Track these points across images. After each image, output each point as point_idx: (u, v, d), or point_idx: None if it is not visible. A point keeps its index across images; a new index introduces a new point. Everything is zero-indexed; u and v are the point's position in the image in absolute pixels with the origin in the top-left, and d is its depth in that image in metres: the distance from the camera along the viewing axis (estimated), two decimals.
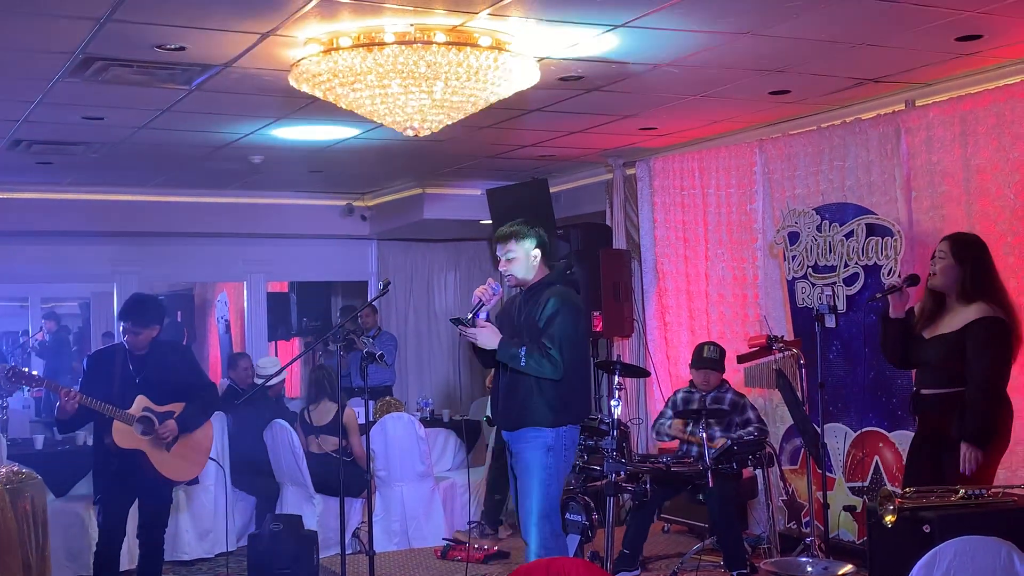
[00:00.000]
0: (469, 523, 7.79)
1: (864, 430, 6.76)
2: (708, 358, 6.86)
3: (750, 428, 6.57)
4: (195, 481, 6.52)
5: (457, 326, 5.00)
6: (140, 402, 5.70)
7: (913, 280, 5.34)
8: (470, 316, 4.98)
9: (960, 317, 5.02)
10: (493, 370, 5.38)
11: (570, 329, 4.96)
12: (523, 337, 4.98)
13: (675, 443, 6.96)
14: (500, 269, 5.15)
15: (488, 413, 8.97)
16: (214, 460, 6.50)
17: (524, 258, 5.08)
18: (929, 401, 5.14)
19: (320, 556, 6.85)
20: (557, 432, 4.98)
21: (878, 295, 5.59)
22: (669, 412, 6.98)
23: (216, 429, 6.45)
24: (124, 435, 5.65)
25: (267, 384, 8.08)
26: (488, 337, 4.96)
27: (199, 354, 12.94)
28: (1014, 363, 5.06)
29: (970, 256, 5.07)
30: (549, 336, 4.90)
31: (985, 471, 4.95)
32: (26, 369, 5.75)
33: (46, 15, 4.52)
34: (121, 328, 5.76)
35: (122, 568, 6.05)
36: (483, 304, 5.00)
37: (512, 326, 5.09)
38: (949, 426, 5.00)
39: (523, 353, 4.88)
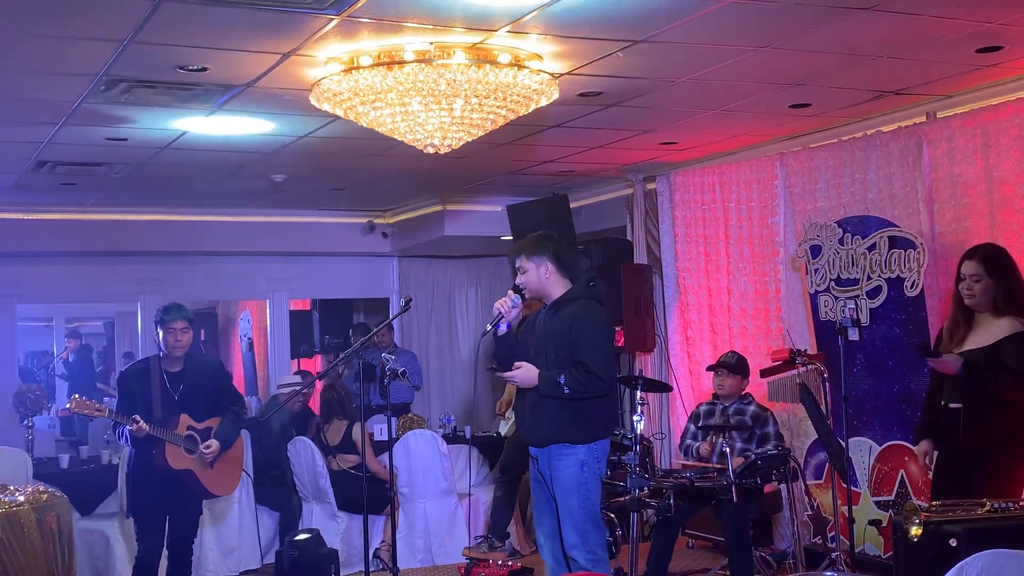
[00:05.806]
0: (476, 537, 7.78)
1: (889, 444, 6.72)
2: (723, 362, 6.86)
3: (769, 445, 6.52)
4: None
5: (496, 373, 5.09)
6: (183, 421, 5.81)
7: (924, 349, 5.24)
8: (490, 327, 5.03)
9: (991, 331, 5.00)
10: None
11: (601, 343, 5.00)
12: (548, 352, 5.01)
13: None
14: (516, 282, 5.18)
15: (499, 429, 8.98)
16: (245, 472, 6.55)
17: (535, 271, 5.11)
18: (957, 415, 5.08)
19: (343, 573, 6.86)
20: (589, 447, 4.97)
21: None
22: (692, 428, 6.95)
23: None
24: (176, 456, 5.75)
25: (284, 397, 8.14)
26: (526, 376, 4.99)
27: None
28: None
29: (1003, 270, 5.05)
30: (585, 355, 4.91)
31: (1011, 483, 4.91)
32: (91, 401, 5.71)
33: (70, 37, 4.55)
34: (171, 326, 5.76)
35: None
36: (502, 316, 5.02)
37: (536, 341, 5.11)
38: (977, 440, 4.96)
39: (563, 381, 4.88)
